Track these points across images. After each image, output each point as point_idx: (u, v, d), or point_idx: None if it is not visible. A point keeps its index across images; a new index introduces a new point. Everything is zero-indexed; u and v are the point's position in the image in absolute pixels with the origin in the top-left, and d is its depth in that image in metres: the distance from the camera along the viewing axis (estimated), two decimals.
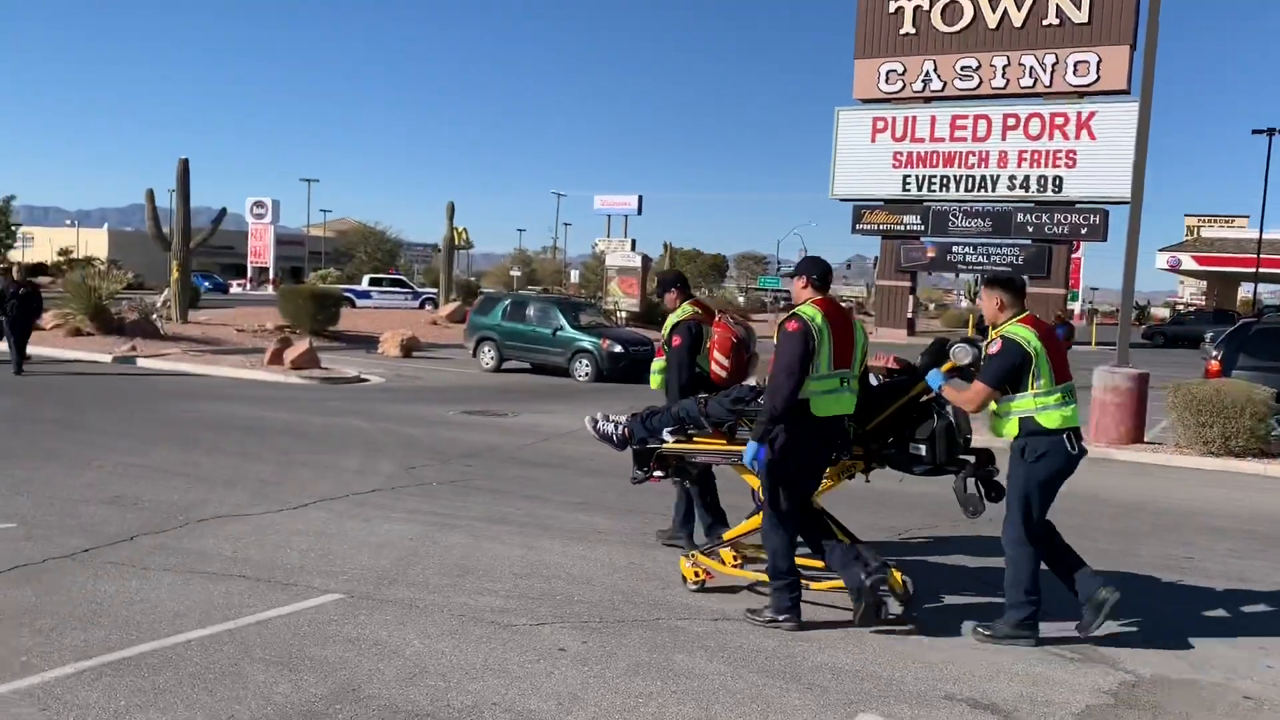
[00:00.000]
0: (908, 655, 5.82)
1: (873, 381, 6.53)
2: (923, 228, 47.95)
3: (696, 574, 6.93)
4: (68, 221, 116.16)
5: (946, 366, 6.17)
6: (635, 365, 22.93)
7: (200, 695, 4.83)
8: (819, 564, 6.55)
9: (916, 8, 46.66)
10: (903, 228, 48.14)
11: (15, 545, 7.25)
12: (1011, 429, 5.97)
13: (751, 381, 7.07)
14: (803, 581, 6.31)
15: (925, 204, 47.62)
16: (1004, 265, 45.57)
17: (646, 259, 44.03)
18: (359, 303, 45.80)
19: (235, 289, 73.40)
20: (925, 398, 6.20)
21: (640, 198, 55.76)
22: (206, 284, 68.13)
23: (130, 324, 25.56)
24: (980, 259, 46.91)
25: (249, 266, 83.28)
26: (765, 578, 6.40)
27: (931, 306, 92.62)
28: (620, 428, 7.29)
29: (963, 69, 46.11)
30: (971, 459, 6.20)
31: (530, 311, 24.00)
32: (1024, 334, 5.90)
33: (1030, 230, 45.55)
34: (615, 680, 5.28)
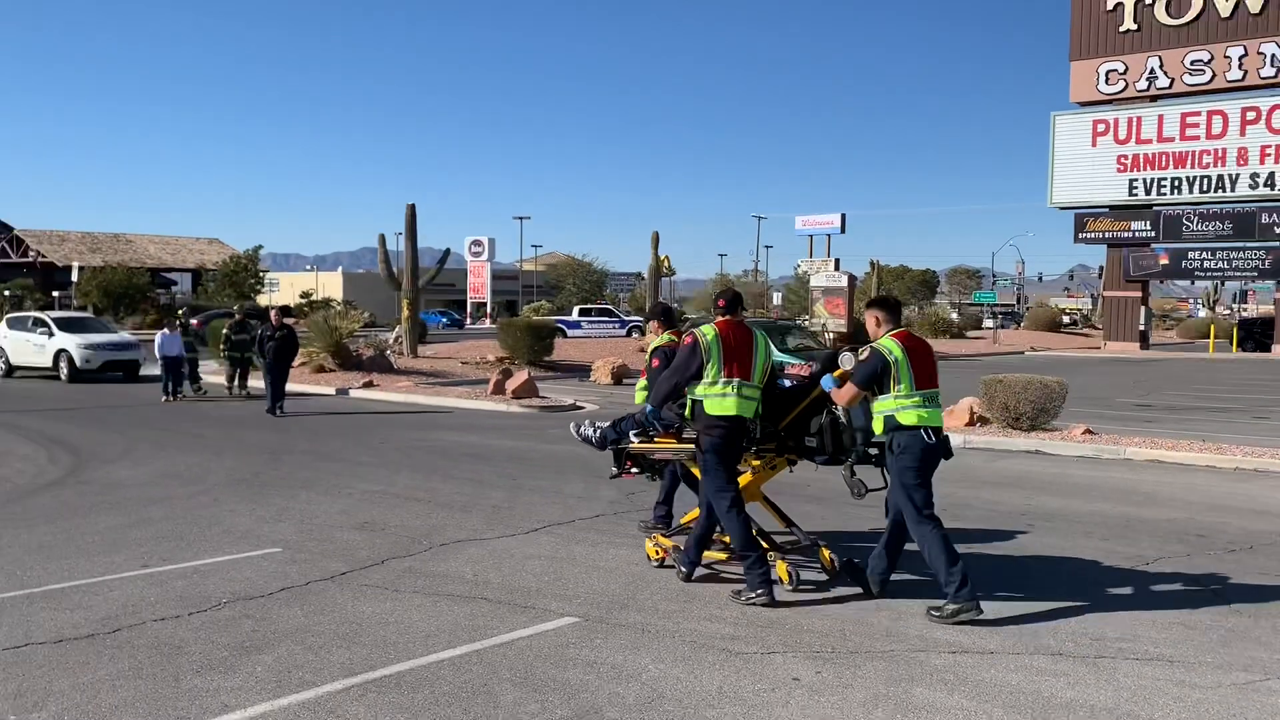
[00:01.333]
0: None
1: (787, 384, 7.69)
2: (1153, 234, 44.94)
3: (657, 553, 8.07)
4: (307, 266, 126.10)
5: (838, 373, 7.24)
6: None
7: (456, 714, 5.11)
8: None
9: (1138, 3, 44.01)
10: (1130, 234, 45.28)
11: (282, 568, 7.91)
12: (879, 426, 7.01)
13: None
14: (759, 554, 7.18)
15: (1155, 208, 44.63)
16: (1248, 270, 42.05)
17: (852, 279, 43.30)
18: (570, 332, 47.34)
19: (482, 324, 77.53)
20: (831, 398, 7.25)
21: (843, 216, 54.96)
22: (444, 320, 72.28)
23: (367, 360, 27.42)
24: (1220, 264, 43.51)
25: (468, 302, 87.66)
26: (721, 556, 7.85)
27: (1165, 318, 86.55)
28: (599, 431, 8.31)
29: (1193, 63, 43.05)
30: (874, 451, 7.27)
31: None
32: (889, 345, 6.97)
33: (1278, 231, 41.79)
34: (853, 712, 5.20)
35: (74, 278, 54.23)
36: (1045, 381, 16.29)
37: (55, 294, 56.61)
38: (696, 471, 7.58)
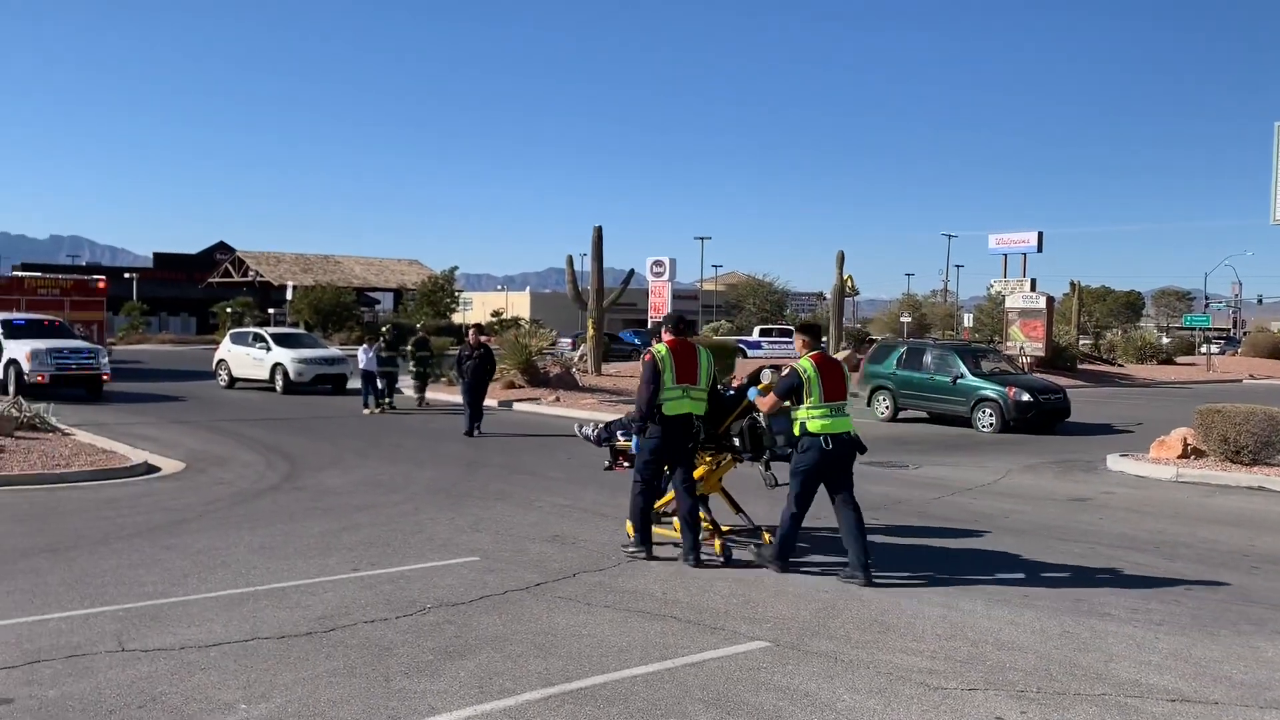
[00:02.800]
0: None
1: (732, 392, 9.29)
2: None
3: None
4: (497, 286, 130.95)
5: (761, 386, 8.83)
6: (1046, 415, 21.54)
7: None
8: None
9: None
10: None
11: (480, 577, 8.21)
12: (795, 429, 8.40)
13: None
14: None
15: None
16: None
17: (1050, 300, 41.35)
18: (750, 352, 47.17)
19: (637, 343, 78.54)
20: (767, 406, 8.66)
21: (1040, 234, 52.61)
22: (637, 340, 73.66)
23: (553, 377, 28.17)
24: None
25: (649, 322, 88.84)
26: (674, 534, 9.20)
27: None
28: (596, 431, 9.99)
29: None
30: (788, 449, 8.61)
31: (927, 359, 23.37)
32: (805, 364, 8.36)
33: None
34: None
35: (288, 296, 58.23)
36: (1270, 412, 15.05)
37: (271, 311, 60.91)
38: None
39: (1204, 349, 53.69)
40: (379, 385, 22.81)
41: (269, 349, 27.17)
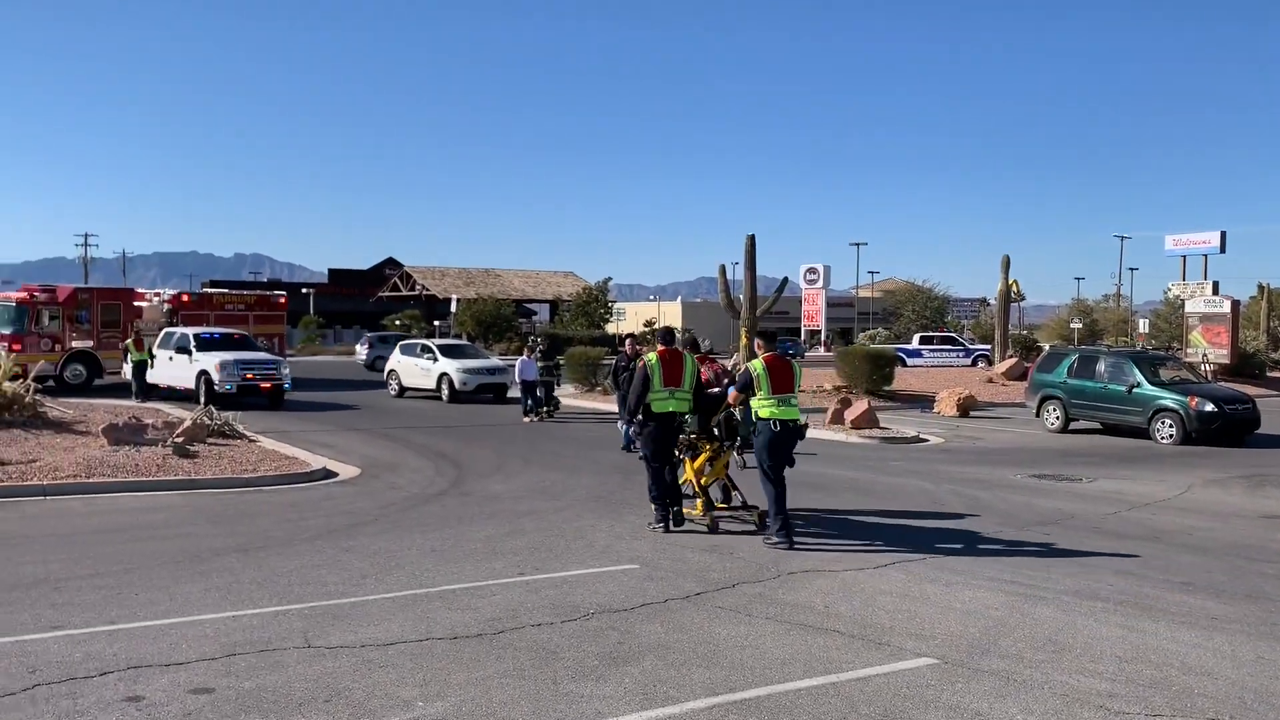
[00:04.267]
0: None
1: (716, 391, 10.98)
2: None
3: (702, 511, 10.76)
4: (649, 296, 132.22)
5: (726, 382, 10.85)
6: (1233, 427, 20.22)
7: None
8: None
9: None
10: None
11: (641, 585, 8.31)
12: (754, 417, 10.00)
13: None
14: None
15: None
16: None
17: (1235, 304, 38.77)
18: (909, 361, 46.02)
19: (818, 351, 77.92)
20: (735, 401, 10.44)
21: (1223, 234, 49.46)
22: (790, 349, 73.26)
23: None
24: None
25: (802, 330, 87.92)
26: (696, 513, 10.74)
27: None
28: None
29: None
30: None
31: (1100, 367, 22.28)
32: (756, 365, 10.01)
33: None
34: None
35: (452, 309, 60.39)
36: None
37: (436, 323, 63.29)
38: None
39: None
40: (538, 394, 23.42)
41: (435, 360, 28.25)
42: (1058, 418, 22.72)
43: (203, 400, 22.84)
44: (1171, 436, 20.34)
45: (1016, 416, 25.56)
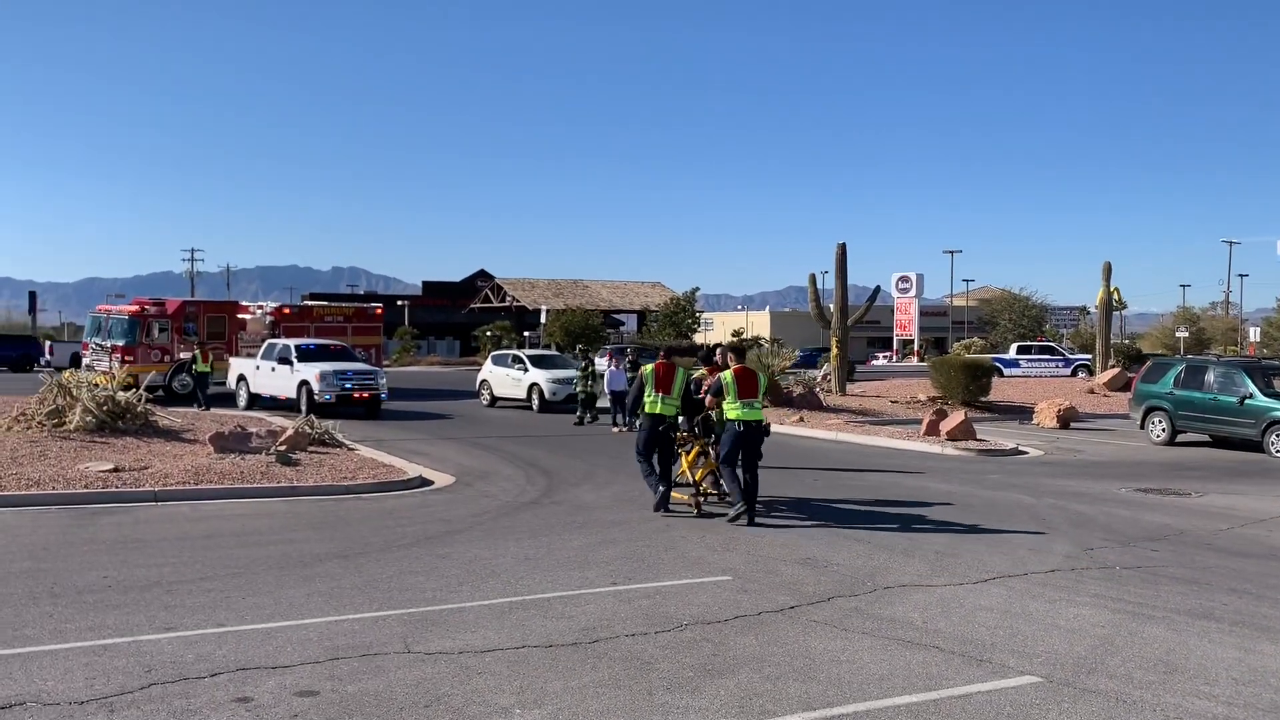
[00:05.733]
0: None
1: (700, 395, 12.62)
2: None
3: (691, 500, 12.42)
4: (737, 306, 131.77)
5: (703, 393, 12.53)
6: None
7: None
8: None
9: None
10: None
11: (734, 597, 8.27)
12: (724, 418, 11.83)
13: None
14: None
15: None
16: None
17: None
18: (1006, 371, 44.87)
19: (881, 361, 76.77)
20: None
21: None
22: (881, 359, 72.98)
23: (797, 397, 27.99)
24: None
25: (894, 339, 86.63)
26: (684, 499, 12.52)
27: None
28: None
29: None
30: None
31: (1209, 377, 21.43)
32: (726, 375, 11.80)
33: None
34: None
35: (542, 319, 61.09)
36: None
37: (526, 334, 64.11)
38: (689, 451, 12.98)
39: None
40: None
41: (526, 370, 28.59)
42: (1164, 430, 21.92)
43: (304, 409, 23.48)
44: None
45: (1119, 429, 24.74)
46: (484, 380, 30.45)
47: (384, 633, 7.08)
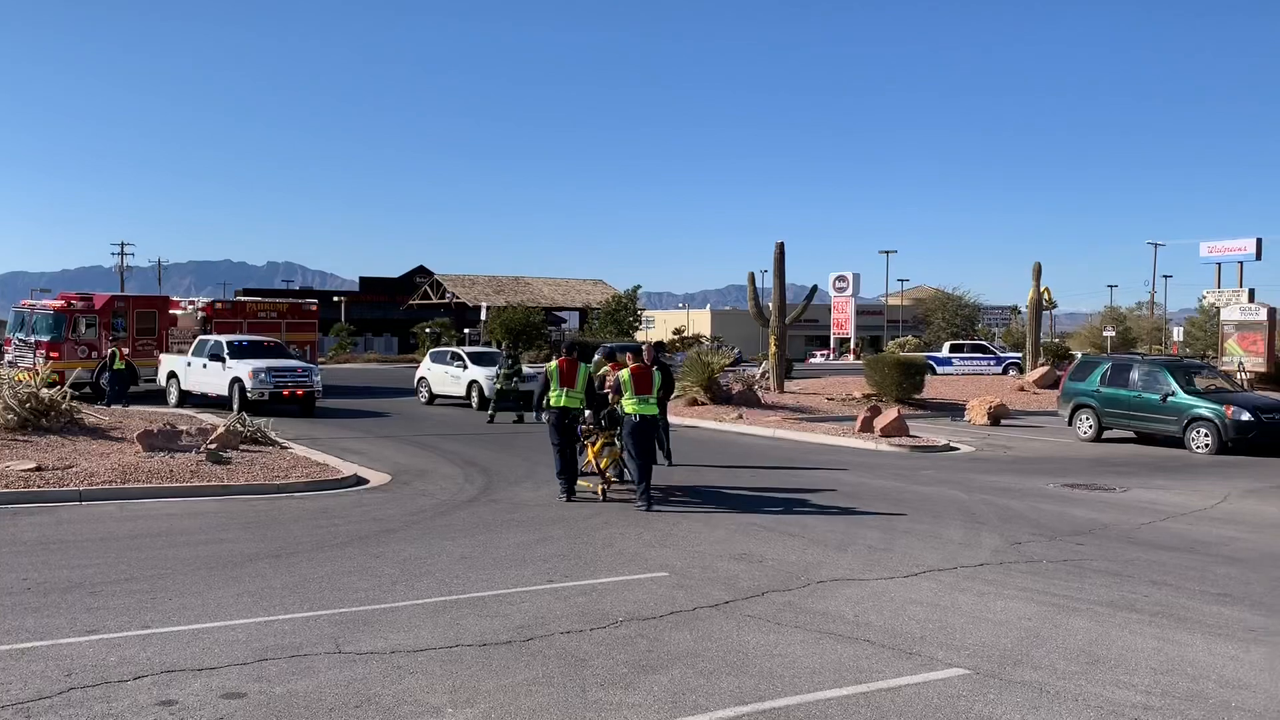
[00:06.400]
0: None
1: (604, 390, 13.83)
2: None
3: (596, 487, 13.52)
4: (679, 304, 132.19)
5: (607, 385, 13.73)
6: (1270, 436, 19.90)
7: None
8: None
9: None
10: None
11: (670, 593, 8.30)
12: (621, 412, 12.87)
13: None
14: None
15: None
16: None
17: (1272, 311, 38.19)
18: (939, 369, 45.64)
19: (819, 359, 77.57)
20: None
21: (1259, 241, 48.80)
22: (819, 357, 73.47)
23: (736, 394, 28.16)
24: None
25: (832, 337, 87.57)
26: (589, 486, 13.57)
27: None
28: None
29: None
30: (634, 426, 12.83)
31: (1134, 375, 22.01)
32: (624, 374, 12.89)
33: None
34: None
35: (482, 316, 60.65)
36: None
37: (466, 331, 63.60)
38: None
39: None
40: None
41: (465, 367, 28.37)
42: (1090, 426, 22.48)
43: (236, 407, 23.06)
44: (1207, 446, 20.06)
45: (1048, 425, 25.31)
46: (422, 378, 30.17)
47: (314, 633, 6.99)
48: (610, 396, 13.45)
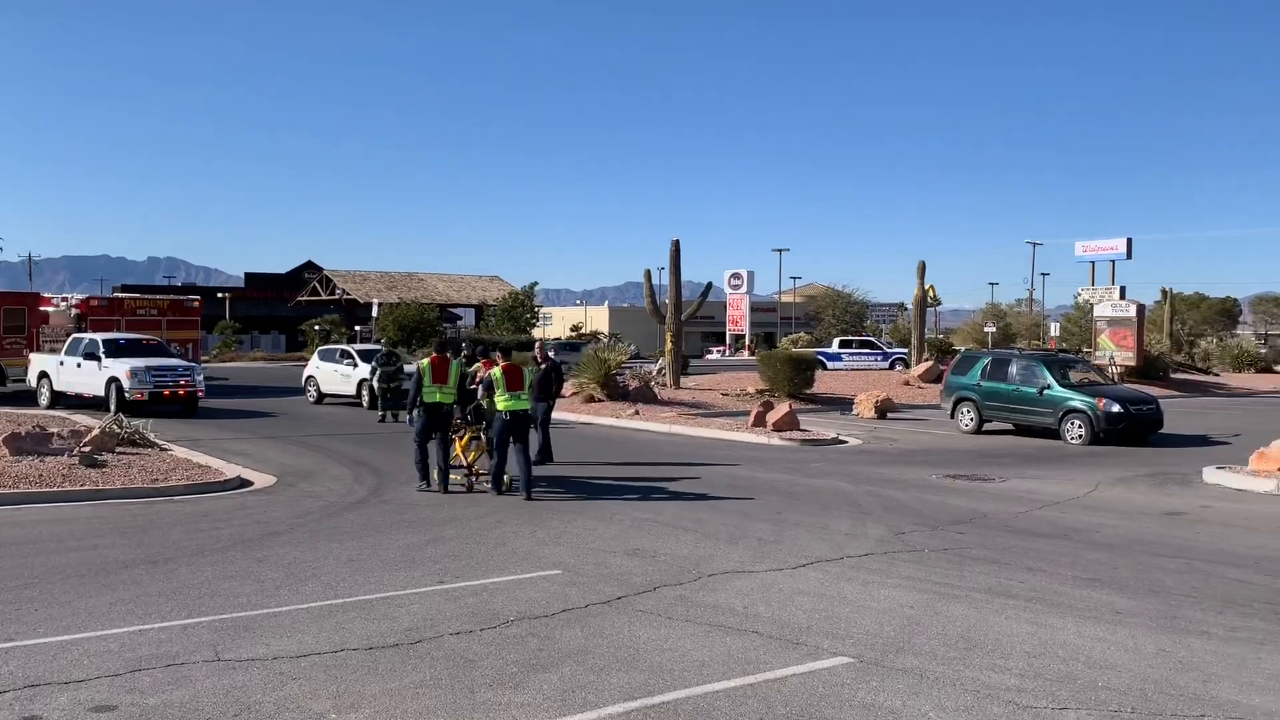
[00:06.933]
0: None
1: (474, 386, 14.13)
2: None
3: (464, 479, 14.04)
4: (576, 301, 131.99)
5: (475, 384, 14.09)
6: (1137, 427, 20.92)
7: None
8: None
9: None
10: None
11: (562, 590, 8.28)
12: (494, 408, 13.33)
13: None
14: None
15: None
16: None
17: (1141, 308, 40.17)
18: (830, 365, 46.63)
19: (715, 355, 78.46)
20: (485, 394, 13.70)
21: (1129, 241, 51.22)
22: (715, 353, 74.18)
23: (633, 390, 28.27)
24: None
25: (727, 334, 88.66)
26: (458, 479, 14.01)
27: None
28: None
29: None
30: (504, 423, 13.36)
31: (1013, 369, 22.87)
32: (496, 371, 13.37)
33: None
34: None
35: (374, 313, 59.51)
36: None
37: (357, 328, 62.31)
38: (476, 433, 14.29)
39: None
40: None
41: (356, 365, 27.78)
42: (972, 419, 23.26)
43: (113, 408, 22.10)
44: (1080, 437, 20.96)
45: (932, 418, 26.10)
46: (311, 376, 29.42)
47: (192, 641, 6.75)
48: (479, 392, 13.85)
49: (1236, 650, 6.85)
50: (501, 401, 13.25)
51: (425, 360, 13.92)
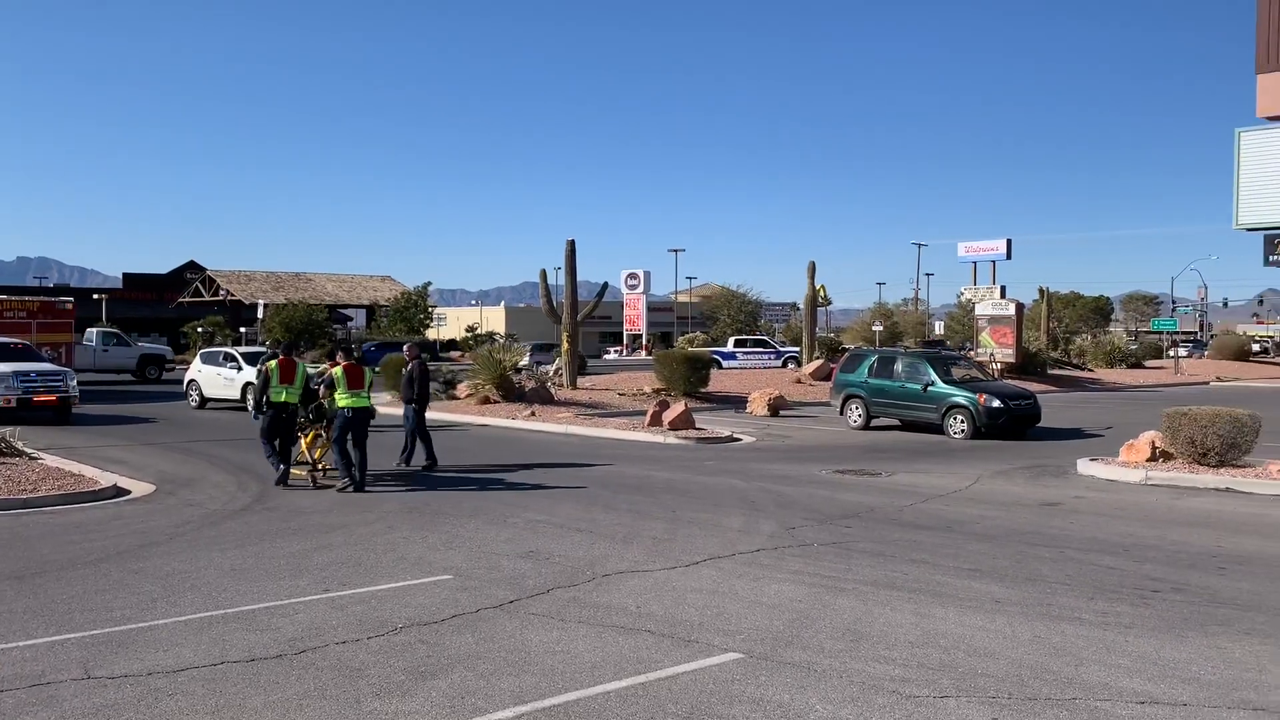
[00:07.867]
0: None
1: (316, 385, 14.99)
2: None
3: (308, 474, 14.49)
4: (472, 301, 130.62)
5: (319, 384, 14.94)
6: (1016, 421, 21.71)
7: None
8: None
9: None
10: None
11: (453, 595, 8.17)
12: (335, 406, 14.03)
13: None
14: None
15: None
16: None
17: (1019, 306, 41.72)
18: (725, 364, 47.21)
19: (612, 355, 78.62)
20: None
21: (1009, 241, 53.23)
22: (613, 353, 73.72)
23: (529, 391, 28.11)
24: None
25: (624, 334, 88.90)
26: (302, 475, 14.50)
27: None
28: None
29: None
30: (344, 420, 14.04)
31: (898, 367, 23.51)
32: (337, 370, 14.19)
33: None
34: None
35: (259, 314, 57.81)
36: (1236, 414, 15.26)
37: (243, 330, 60.46)
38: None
39: (1171, 352, 54.34)
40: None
41: (240, 368, 26.94)
42: (860, 415, 23.81)
43: None
44: (963, 432, 21.66)
45: (822, 415, 26.63)
46: (193, 380, 28.44)
47: (60, 658, 6.44)
48: (322, 391, 14.62)
49: (1106, 635, 7.16)
50: (343, 399, 13.87)
51: (274, 362, 14.44)
